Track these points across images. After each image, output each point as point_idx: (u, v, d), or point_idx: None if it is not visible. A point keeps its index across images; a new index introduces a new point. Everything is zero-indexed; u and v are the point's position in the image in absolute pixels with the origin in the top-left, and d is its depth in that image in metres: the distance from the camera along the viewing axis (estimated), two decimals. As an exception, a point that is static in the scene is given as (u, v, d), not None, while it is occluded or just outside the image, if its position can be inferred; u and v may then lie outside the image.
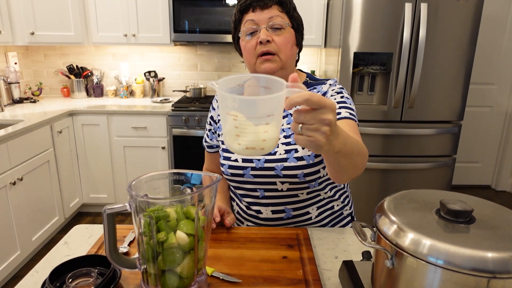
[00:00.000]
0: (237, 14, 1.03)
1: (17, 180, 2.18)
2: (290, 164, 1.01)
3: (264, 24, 0.98)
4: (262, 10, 0.98)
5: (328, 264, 0.89)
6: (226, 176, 1.10)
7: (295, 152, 1.02)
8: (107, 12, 2.89)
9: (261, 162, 1.03)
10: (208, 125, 1.20)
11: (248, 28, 1.00)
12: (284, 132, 1.05)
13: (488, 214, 0.61)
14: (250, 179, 1.06)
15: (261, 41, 0.97)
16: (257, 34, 0.98)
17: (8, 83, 2.91)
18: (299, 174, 1.02)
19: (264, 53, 0.98)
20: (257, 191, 1.08)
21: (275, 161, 1.02)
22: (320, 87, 1.08)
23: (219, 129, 1.14)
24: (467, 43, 2.43)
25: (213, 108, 1.19)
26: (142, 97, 3.31)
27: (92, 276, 0.77)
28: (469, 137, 3.55)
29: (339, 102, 1.02)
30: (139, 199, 0.67)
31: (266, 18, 0.98)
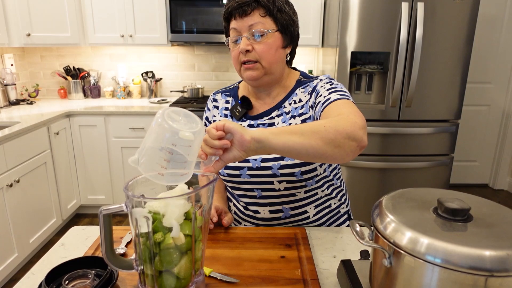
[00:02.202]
0: (223, 21, 1.04)
1: (14, 182, 2.17)
2: (287, 163, 1.01)
3: (245, 32, 0.97)
4: (242, 18, 0.97)
5: (326, 263, 0.89)
6: (223, 176, 1.09)
7: None
8: (103, 12, 2.88)
9: (257, 161, 1.03)
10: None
11: (232, 36, 1.00)
12: None
13: (486, 212, 0.61)
14: (247, 179, 1.06)
15: (240, 51, 0.98)
16: (239, 43, 0.99)
17: (4, 84, 2.90)
18: (296, 172, 1.01)
19: (246, 61, 0.99)
20: (254, 191, 1.07)
21: (272, 160, 1.02)
22: (312, 82, 1.06)
23: None
24: (463, 42, 2.44)
25: (208, 109, 1.18)
26: (139, 98, 3.31)
27: (89, 278, 0.76)
28: (466, 136, 3.56)
29: (328, 89, 0.98)
30: (136, 199, 0.67)
31: (246, 26, 0.97)
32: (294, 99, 1.06)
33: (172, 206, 0.68)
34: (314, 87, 1.03)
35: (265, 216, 1.09)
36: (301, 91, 1.06)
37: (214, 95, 1.18)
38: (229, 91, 1.17)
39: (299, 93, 1.06)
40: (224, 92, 1.18)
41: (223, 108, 1.14)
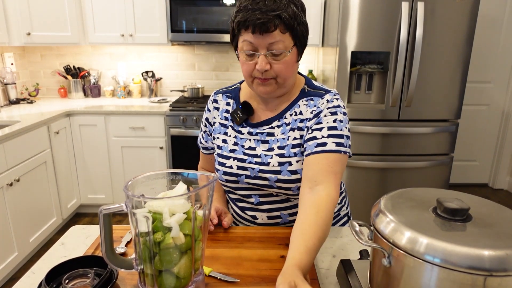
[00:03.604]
0: (234, 24, 0.92)
1: (14, 181, 2.17)
2: (283, 177, 0.98)
3: (263, 50, 0.90)
4: (261, 34, 0.87)
5: (325, 263, 0.89)
6: (221, 181, 1.08)
7: (289, 165, 0.97)
8: (104, 12, 2.88)
9: (255, 171, 1.01)
10: (203, 126, 1.15)
11: (246, 50, 0.92)
12: (278, 142, 1.00)
13: (485, 212, 0.61)
14: (245, 185, 1.05)
15: (258, 69, 0.91)
16: (255, 58, 0.91)
17: (5, 84, 2.90)
18: (293, 187, 0.99)
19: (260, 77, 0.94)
20: (252, 197, 1.06)
21: (269, 172, 0.99)
22: (317, 100, 0.99)
23: (215, 132, 1.10)
24: (463, 41, 2.44)
25: (208, 110, 1.13)
26: (139, 97, 3.30)
27: (88, 277, 0.76)
28: (466, 136, 3.56)
29: (329, 128, 0.93)
30: (136, 199, 0.67)
31: (266, 44, 0.89)
32: (295, 110, 1.01)
33: (172, 206, 0.68)
34: (319, 112, 0.97)
35: (263, 221, 1.08)
36: (304, 103, 1.00)
37: (215, 96, 1.13)
38: (230, 92, 1.12)
39: (302, 105, 1.01)
40: (225, 92, 1.12)
41: (223, 110, 1.10)
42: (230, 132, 1.07)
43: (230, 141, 1.06)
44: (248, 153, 1.03)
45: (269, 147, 1.02)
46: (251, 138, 1.04)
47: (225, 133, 1.08)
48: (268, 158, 1.00)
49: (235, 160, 1.04)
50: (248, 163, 1.02)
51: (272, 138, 1.02)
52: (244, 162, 1.02)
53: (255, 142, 1.03)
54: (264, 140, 1.02)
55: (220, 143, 1.08)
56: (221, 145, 1.07)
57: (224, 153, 1.06)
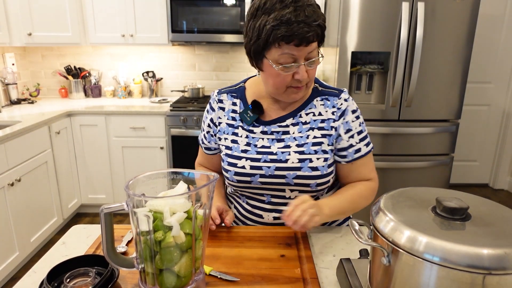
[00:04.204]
0: (272, 38, 0.88)
1: (15, 181, 2.17)
2: (303, 174, 0.99)
3: (302, 60, 0.91)
4: (304, 46, 0.89)
5: (325, 262, 0.90)
6: (232, 182, 1.06)
7: (310, 161, 0.99)
8: (104, 12, 2.88)
9: (271, 169, 1.00)
10: (206, 126, 1.13)
11: (286, 61, 0.91)
12: (296, 140, 1.02)
13: (484, 211, 0.62)
14: (258, 185, 1.03)
15: (299, 79, 0.92)
16: (294, 68, 0.92)
17: (6, 84, 2.91)
18: (312, 183, 1.00)
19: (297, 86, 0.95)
20: (263, 196, 1.06)
21: (287, 169, 1.00)
22: (334, 100, 1.03)
23: (221, 132, 1.09)
24: (464, 41, 2.44)
25: (212, 110, 1.11)
26: (140, 97, 3.31)
27: (90, 276, 0.77)
28: (466, 136, 3.56)
29: (358, 133, 1.03)
30: (136, 198, 0.67)
31: (305, 54, 0.90)
32: (313, 110, 1.03)
33: (173, 205, 0.68)
34: (342, 113, 1.02)
35: (268, 221, 1.08)
36: (320, 104, 1.04)
37: (219, 95, 1.10)
38: (235, 91, 1.10)
39: (318, 106, 1.03)
40: (229, 92, 1.10)
41: (229, 111, 1.08)
42: (240, 133, 1.06)
43: (242, 141, 1.05)
44: (261, 152, 1.03)
45: (285, 144, 1.02)
46: (264, 137, 1.04)
47: (235, 134, 1.06)
48: (286, 155, 1.01)
49: (247, 160, 1.02)
50: (263, 162, 1.01)
51: (287, 136, 1.03)
52: (258, 162, 1.02)
53: (269, 140, 1.04)
54: (280, 138, 1.03)
55: (229, 144, 1.06)
56: (231, 146, 1.06)
57: (234, 153, 1.04)
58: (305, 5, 0.88)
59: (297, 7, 0.87)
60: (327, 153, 1.01)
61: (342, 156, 1.04)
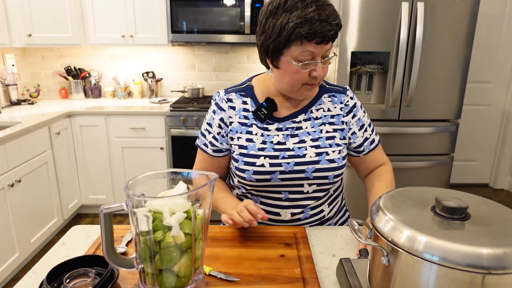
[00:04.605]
0: (294, 36, 0.90)
1: (15, 182, 2.17)
2: (322, 166, 1.03)
3: (319, 58, 0.94)
4: (325, 44, 0.92)
5: (325, 262, 0.90)
6: (250, 182, 1.04)
7: (326, 154, 1.04)
8: (104, 13, 2.88)
9: (290, 165, 1.02)
10: (215, 127, 1.08)
11: (306, 58, 0.93)
12: (310, 135, 1.05)
13: (483, 211, 0.62)
14: (277, 182, 1.04)
15: (316, 76, 0.95)
16: (311, 66, 0.94)
17: (6, 85, 2.91)
18: (330, 176, 1.04)
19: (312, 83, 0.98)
20: (281, 193, 1.06)
21: (306, 163, 1.03)
22: (341, 97, 1.10)
23: (232, 132, 1.07)
24: (464, 41, 2.44)
25: (221, 109, 1.08)
26: (140, 98, 3.31)
27: (89, 276, 0.77)
28: (466, 136, 3.56)
29: (368, 125, 1.13)
30: (136, 198, 0.67)
31: (323, 52, 0.93)
32: (322, 106, 1.08)
33: (172, 205, 0.68)
34: (351, 108, 1.10)
35: (286, 218, 1.08)
36: (328, 100, 1.09)
37: (228, 95, 1.08)
38: (243, 90, 1.09)
39: (326, 102, 1.09)
40: (237, 91, 1.09)
41: (240, 109, 1.07)
42: (255, 131, 1.05)
43: (257, 140, 1.05)
44: (278, 148, 1.03)
45: (299, 139, 1.05)
46: (279, 133, 1.05)
47: (249, 132, 1.06)
48: (303, 150, 1.03)
49: (266, 158, 1.03)
50: (281, 159, 1.02)
51: (301, 131, 1.06)
52: (276, 159, 1.03)
53: (284, 136, 1.05)
54: (294, 134, 1.05)
55: (244, 143, 1.05)
56: (246, 145, 1.05)
57: (251, 152, 1.04)
58: (325, 5, 0.91)
59: (318, 6, 0.90)
60: (340, 146, 1.07)
61: (359, 152, 1.13)
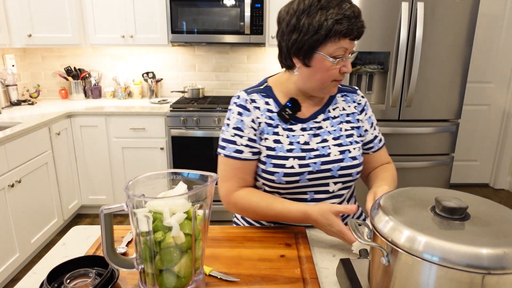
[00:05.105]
0: (333, 32, 0.92)
1: (16, 183, 2.18)
2: (346, 164, 1.05)
3: (347, 54, 0.97)
4: (355, 39, 0.97)
5: (325, 262, 0.90)
6: (280, 184, 1.03)
7: (349, 152, 1.06)
8: (104, 13, 2.89)
9: (317, 165, 1.03)
10: (248, 129, 1.04)
11: (339, 54, 0.95)
12: (331, 134, 1.07)
13: (483, 211, 0.62)
14: (305, 183, 1.04)
15: (346, 71, 0.98)
16: (342, 62, 0.97)
17: (6, 85, 2.91)
18: (354, 173, 1.06)
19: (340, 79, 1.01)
20: (306, 194, 1.06)
21: (331, 162, 1.04)
22: (353, 96, 1.15)
23: (262, 133, 1.05)
24: (464, 41, 2.44)
25: (247, 110, 1.04)
26: (140, 98, 3.31)
27: (90, 277, 0.77)
28: (467, 136, 3.56)
29: (376, 124, 1.18)
30: (136, 199, 0.68)
31: (352, 48, 0.97)
32: (337, 106, 1.12)
33: (172, 205, 0.68)
34: (363, 107, 1.15)
35: None
36: (341, 99, 1.13)
37: (250, 95, 1.07)
38: (263, 91, 1.08)
39: (340, 101, 1.13)
40: (258, 92, 1.08)
41: (265, 110, 1.05)
42: (281, 132, 1.05)
43: (285, 141, 1.04)
44: (304, 149, 1.04)
45: (322, 139, 1.06)
46: (304, 133, 1.06)
47: (275, 133, 1.05)
48: (327, 149, 1.05)
49: (295, 159, 1.02)
50: (308, 159, 1.03)
51: (321, 131, 1.07)
52: (304, 159, 1.03)
53: (309, 136, 1.06)
54: (316, 133, 1.06)
55: (272, 144, 1.04)
56: (273, 146, 1.03)
57: (279, 153, 1.03)
58: (352, 3, 0.96)
59: (350, 4, 0.95)
60: (358, 143, 1.10)
61: (369, 148, 1.16)
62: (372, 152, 1.16)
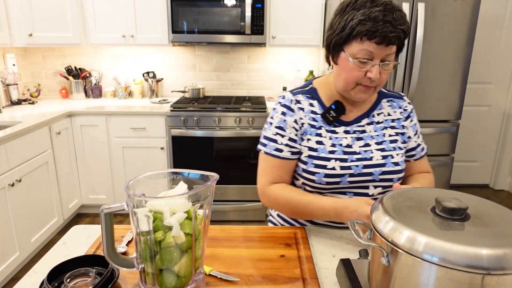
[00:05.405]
0: (356, 32, 0.93)
1: (16, 182, 2.18)
2: (388, 169, 1.05)
3: (378, 60, 0.94)
4: (384, 46, 0.92)
5: (325, 262, 0.90)
6: (320, 184, 1.04)
7: (391, 157, 1.06)
8: (105, 13, 2.89)
9: (359, 168, 1.03)
10: (290, 129, 1.06)
11: (363, 57, 0.94)
12: (374, 139, 1.07)
13: (483, 212, 0.62)
14: (346, 185, 1.04)
15: (371, 78, 0.95)
16: (367, 66, 0.95)
17: (7, 84, 2.91)
18: (395, 178, 1.06)
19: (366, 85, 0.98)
20: (345, 195, 1.06)
21: (373, 166, 1.04)
22: (399, 102, 1.13)
23: (304, 134, 1.06)
24: (464, 42, 2.44)
25: (291, 110, 1.06)
26: (140, 98, 3.31)
27: (90, 276, 0.77)
28: (467, 136, 3.56)
29: (420, 133, 1.17)
30: (137, 198, 0.68)
31: (383, 55, 0.94)
32: (382, 111, 1.11)
33: (173, 205, 0.69)
34: (409, 114, 1.13)
35: None
36: (387, 105, 1.12)
37: (295, 96, 1.08)
38: (308, 92, 1.10)
39: (386, 106, 1.12)
40: (303, 93, 1.09)
41: (309, 111, 1.07)
42: (324, 133, 1.06)
43: (327, 142, 1.05)
44: (347, 151, 1.04)
45: (364, 143, 1.06)
46: (347, 136, 1.06)
47: (318, 134, 1.06)
48: (369, 153, 1.05)
49: (336, 160, 1.03)
50: (350, 162, 1.03)
51: (365, 135, 1.07)
52: (346, 162, 1.03)
53: (352, 139, 1.06)
54: (359, 137, 1.06)
55: (314, 145, 1.05)
56: (316, 147, 1.05)
57: (321, 154, 1.04)
58: (394, 9, 0.93)
59: (386, 8, 0.92)
60: (402, 150, 1.09)
61: (411, 156, 1.15)
62: (413, 160, 1.16)
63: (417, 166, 1.17)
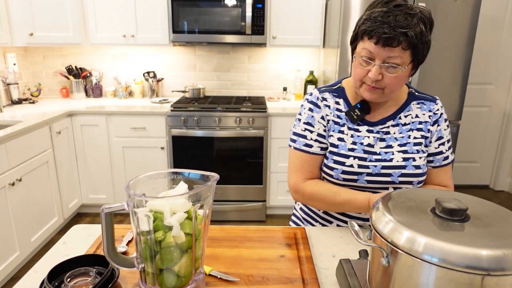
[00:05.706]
0: (359, 31, 0.96)
1: (16, 181, 2.18)
2: (408, 172, 1.03)
3: (379, 61, 0.93)
4: (383, 47, 0.91)
5: (325, 262, 0.90)
6: (337, 180, 1.05)
7: (413, 160, 1.04)
8: (105, 13, 2.89)
9: (377, 168, 1.03)
10: (319, 124, 1.08)
11: (364, 56, 0.95)
12: (398, 140, 1.06)
13: (483, 213, 0.62)
14: (363, 184, 1.04)
15: (369, 77, 0.95)
16: (370, 66, 0.95)
17: (7, 84, 2.91)
18: (415, 181, 1.04)
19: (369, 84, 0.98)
20: None
21: (393, 167, 1.03)
22: (430, 105, 1.09)
23: (330, 130, 1.08)
24: (465, 43, 2.44)
25: (318, 107, 1.08)
26: (141, 98, 3.31)
27: (90, 276, 0.77)
28: (467, 137, 3.56)
29: (448, 141, 1.10)
30: (137, 198, 0.68)
31: (384, 56, 0.92)
32: (410, 113, 1.08)
33: (173, 205, 0.69)
34: (437, 119, 1.08)
35: (366, 216, 1.09)
36: (416, 107, 1.09)
37: (322, 94, 1.10)
38: (335, 91, 1.11)
39: (415, 108, 1.09)
40: (330, 91, 1.11)
41: (334, 109, 1.09)
42: (346, 131, 1.07)
43: (348, 140, 1.06)
44: (367, 151, 1.05)
45: (386, 144, 1.05)
46: (369, 135, 1.06)
47: (341, 132, 1.07)
48: (390, 155, 1.04)
49: (355, 158, 1.04)
50: (369, 161, 1.03)
51: (388, 136, 1.06)
52: (365, 161, 1.03)
53: (374, 139, 1.06)
54: (382, 138, 1.06)
55: (336, 141, 1.07)
56: (337, 144, 1.06)
57: (341, 151, 1.05)
58: (402, 12, 0.91)
59: (392, 10, 0.91)
60: (425, 153, 1.07)
61: (429, 161, 1.10)
62: (431, 168, 1.10)
63: (434, 176, 1.10)
